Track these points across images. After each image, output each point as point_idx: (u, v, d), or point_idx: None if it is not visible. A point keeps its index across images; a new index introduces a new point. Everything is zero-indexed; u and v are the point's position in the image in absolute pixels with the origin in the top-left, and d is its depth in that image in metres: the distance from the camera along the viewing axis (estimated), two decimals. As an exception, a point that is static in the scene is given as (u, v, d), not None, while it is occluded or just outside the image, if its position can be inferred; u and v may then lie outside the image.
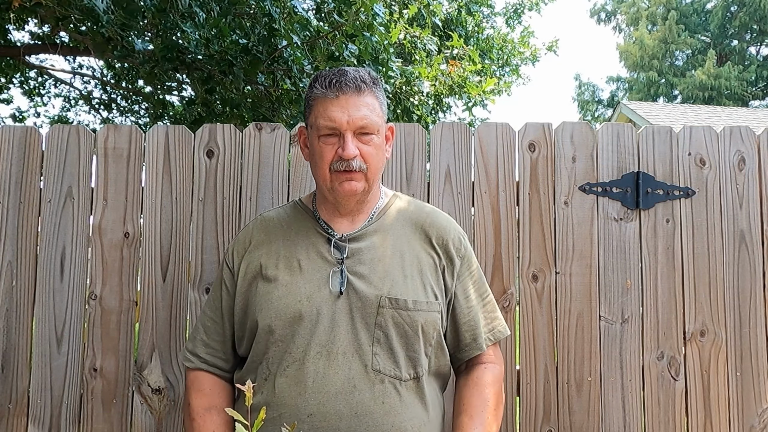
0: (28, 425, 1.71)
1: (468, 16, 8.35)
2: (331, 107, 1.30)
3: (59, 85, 8.90)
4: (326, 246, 1.35)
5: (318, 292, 1.30)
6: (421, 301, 1.32)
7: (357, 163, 1.30)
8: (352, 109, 1.29)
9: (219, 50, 3.21)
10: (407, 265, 1.34)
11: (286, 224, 1.41)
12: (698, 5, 25.71)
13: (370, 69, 1.37)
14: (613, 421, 1.77)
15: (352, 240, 1.36)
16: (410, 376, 1.29)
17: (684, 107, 14.70)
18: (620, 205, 1.83)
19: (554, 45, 10.40)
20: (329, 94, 1.30)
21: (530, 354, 1.78)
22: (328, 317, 1.28)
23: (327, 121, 1.30)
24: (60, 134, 1.80)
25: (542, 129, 1.86)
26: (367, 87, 1.32)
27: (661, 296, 1.81)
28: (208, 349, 1.40)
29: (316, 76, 1.35)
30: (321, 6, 4.11)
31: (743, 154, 1.88)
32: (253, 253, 1.38)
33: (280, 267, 1.34)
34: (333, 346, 1.26)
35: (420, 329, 1.30)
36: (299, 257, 1.34)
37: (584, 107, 27.11)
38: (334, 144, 1.31)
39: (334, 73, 1.32)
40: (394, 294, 1.30)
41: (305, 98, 1.38)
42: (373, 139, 1.32)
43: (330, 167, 1.31)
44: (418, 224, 1.41)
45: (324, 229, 1.37)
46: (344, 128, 1.29)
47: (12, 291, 1.74)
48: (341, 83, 1.30)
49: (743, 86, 22.60)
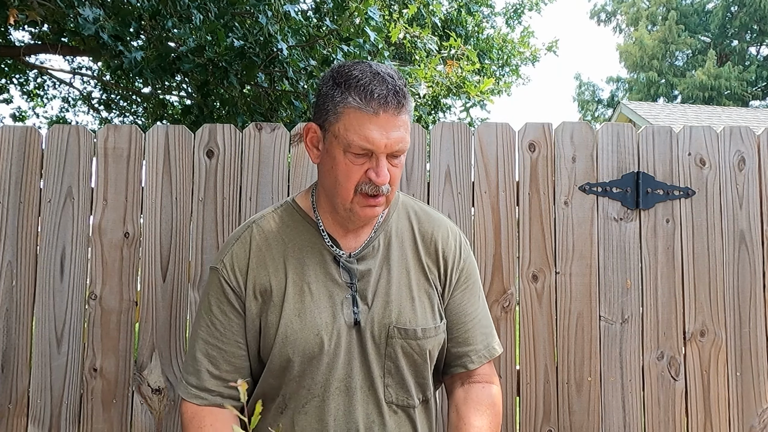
0: (28, 425, 1.71)
1: (468, 16, 8.35)
2: (369, 125, 1.13)
3: (59, 85, 8.90)
4: (334, 266, 1.25)
5: (334, 322, 1.21)
6: (430, 327, 1.26)
7: (386, 188, 1.18)
8: (392, 131, 1.14)
9: (213, 56, 3.20)
10: (414, 285, 1.27)
11: (287, 237, 1.27)
12: (698, 5, 25.72)
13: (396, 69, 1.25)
14: (613, 421, 1.77)
15: (360, 260, 1.26)
16: (420, 400, 1.28)
17: (684, 107, 14.71)
18: (620, 205, 1.83)
19: (554, 45, 10.41)
20: (368, 110, 1.13)
21: (530, 354, 1.78)
22: (345, 350, 1.21)
23: (363, 141, 1.14)
24: (60, 134, 1.80)
25: (542, 129, 1.85)
26: (405, 102, 1.17)
27: (661, 296, 1.81)
28: (218, 381, 1.24)
29: (344, 76, 1.17)
30: (320, 6, 4.12)
31: (743, 154, 1.88)
32: (256, 271, 1.24)
33: (289, 291, 1.22)
34: (351, 381, 1.21)
35: (428, 355, 1.26)
36: (308, 280, 1.23)
37: (584, 107, 27.13)
38: (364, 164, 1.16)
39: (370, 79, 1.15)
40: (402, 323, 1.23)
41: (326, 96, 1.19)
42: (401, 160, 1.20)
43: (356, 188, 1.18)
44: (420, 233, 1.33)
45: (329, 246, 1.26)
46: (381, 151, 1.15)
47: (12, 291, 1.74)
48: (384, 99, 1.13)
49: (743, 86, 22.61)
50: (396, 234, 1.31)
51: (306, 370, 1.20)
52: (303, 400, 1.21)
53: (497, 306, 1.78)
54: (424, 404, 1.30)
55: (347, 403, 1.21)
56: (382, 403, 1.22)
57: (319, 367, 1.20)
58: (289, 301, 1.22)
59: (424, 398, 1.29)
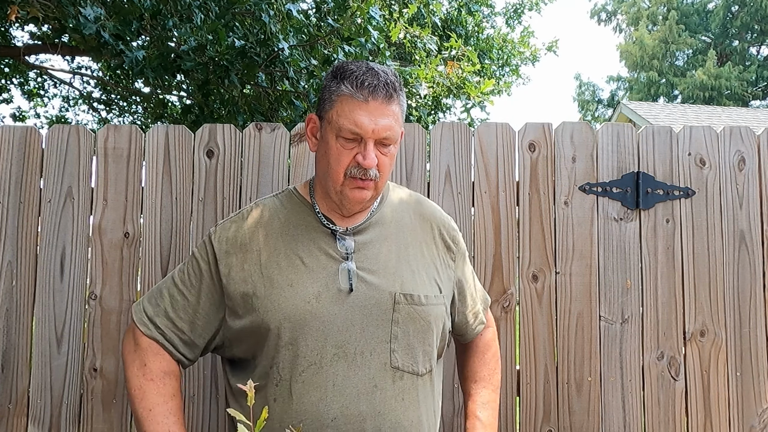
0: (28, 425, 1.71)
1: (468, 15, 8.35)
2: (358, 111, 1.23)
3: (59, 85, 8.90)
4: (329, 241, 1.30)
5: (326, 290, 1.25)
6: (431, 295, 1.31)
7: (374, 172, 1.25)
8: (380, 118, 1.23)
9: (214, 55, 3.20)
10: (412, 259, 1.33)
11: (284, 217, 1.34)
12: (699, 5, 25.72)
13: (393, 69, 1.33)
14: (613, 421, 1.77)
15: (356, 233, 1.32)
16: (426, 369, 1.30)
17: (684, 107, 14.70)
18: (620, 205, 1.83)
19: (554, 45, 10.42)
20: (358, 96, 1.23)
21: (530, 354, 1.78)
22: (340, 317, 1.24)
23: (352, 126, 1.23)
24: (60, 134, 1.80)
25: (542, 129, 1.85)
26: (396, 95, 1.26)
27: (661, 296, 1.81)
28: (168, 323, 1.30)
29: (341, 69, 1.27)
30: (320, 6, 4.11)
31: (743, 154, 1.88)
32: (247, 246, 1.30)
33: (281, 265, 1.27)
34: (349, 347, 1.23)
35: (433, 323, 1.30)
36: (301, 254, 1.28)
37: (584, 107, 27.12)
38: (353, 149, 1.25)
39: (364, 72, 1.24)
40: (407, 290, 1.28)
41: (325, 88, 1.30)
42: (390, 150, 1.28)
43: (345, 172, 1.26)
44: (417, 214, 1.41)
45: (324, 224, 1.32)
46: (368, 136, 1.23)
47: (12, 291, 1.74)
48: (374, 87, 1.23)
49: (743, 86, 22.60)
50: (392, 214, 1.38)
51: (297, 337, 1.23)
52: (299, 368, 1.22)
53: (497, 306, 1.78)
54: (429, 375, 1.31)
55: (346, 369, 1.22)
56: (386, 368, 1.24)
57: (310, 334, 1.23)
58: (280, 273, 1.27)
59: (429, 368, 1.31)
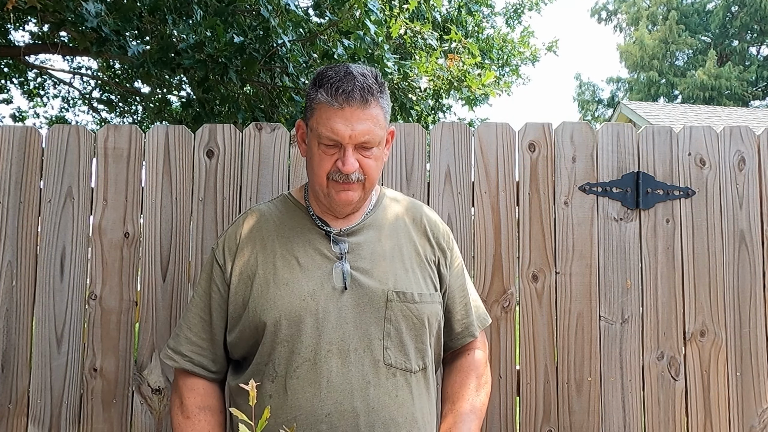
0: (28, 425, 1.71)
1: (468, 15, 8.35)
2: (334, 118, 1.24)
3: (58, 85, 8.90)
4: (323, 242, 1.33)
5: (321, 289, 1.28)
6: (425, 293, 1.33)
7: (356, 176, 1.27)
8: (357, 123, 1.24)
9: (213, 52, 3.19)
10: (406, 259, 1.35)
11: (279, 220, 1.37)
12: (699, 5, 25.72)
13: (376, 71, 1.32)
14: (613, 421, 1.77)
15: (350, 234, 1.34)
16: (419, 367, 1.31)
17: (684, 107, 14.70)
18: (620, 205, 1.83)
19: (554, 45, 10.42)
20: (333, 103, 1.24)
21: (530, 354, 1.78)
22: (334, 314, 1.26)
23: (329, 132, 1.24)
24: (60, 134, 1.80)
25: (542, 129, 1.85)
26: (373, 98, 1.26)
27: (661, 296, 1.81)
28: (193, 347, 1.35)
29: (321, 76, 1.28)
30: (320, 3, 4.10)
31: (743, 154, 1.88)
32: (245, 250, 1.34)
33: (278, 265, 1.30)
34: (343, 344, 1.25)
35: (426, 321, 1.32)
36: (296, 255, 1.31)
37: (584, 107, 27.13)
38: (334, 155, 1.27)
39: (341, 77, 1.25)
40: (400, 288, 1.30)
41: (307, 95, 1.33)
42: (373, 152, 1.29)
43: (328, 176, 1.28)
44: (410, 217, 1.43)
45: (319, 225, 1.35)
46: (346, 142, 1.25)
47: (12, 291, 1.74)
48: (348, 94, 1.23)
49: (743, 86, 22.61)
50: (387, 217, 1.41)
51: (293, 333, 1.25)
52: (294, 364, 1.25)
53: (497, 306, 1.78)
54: (423, 372, 1.33)
55: (340, 365, 1.24)
56: (379, 364, 1.26)
57: (305, 331, 1.25)
58: (276, 273, 1.30)
59: (423, 365, 1.32)
